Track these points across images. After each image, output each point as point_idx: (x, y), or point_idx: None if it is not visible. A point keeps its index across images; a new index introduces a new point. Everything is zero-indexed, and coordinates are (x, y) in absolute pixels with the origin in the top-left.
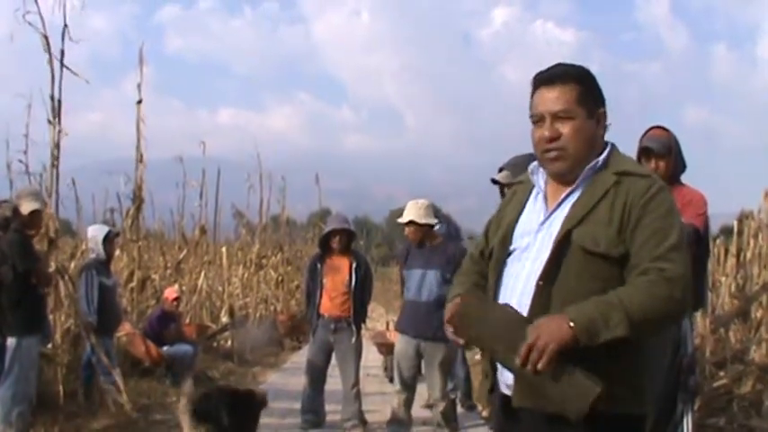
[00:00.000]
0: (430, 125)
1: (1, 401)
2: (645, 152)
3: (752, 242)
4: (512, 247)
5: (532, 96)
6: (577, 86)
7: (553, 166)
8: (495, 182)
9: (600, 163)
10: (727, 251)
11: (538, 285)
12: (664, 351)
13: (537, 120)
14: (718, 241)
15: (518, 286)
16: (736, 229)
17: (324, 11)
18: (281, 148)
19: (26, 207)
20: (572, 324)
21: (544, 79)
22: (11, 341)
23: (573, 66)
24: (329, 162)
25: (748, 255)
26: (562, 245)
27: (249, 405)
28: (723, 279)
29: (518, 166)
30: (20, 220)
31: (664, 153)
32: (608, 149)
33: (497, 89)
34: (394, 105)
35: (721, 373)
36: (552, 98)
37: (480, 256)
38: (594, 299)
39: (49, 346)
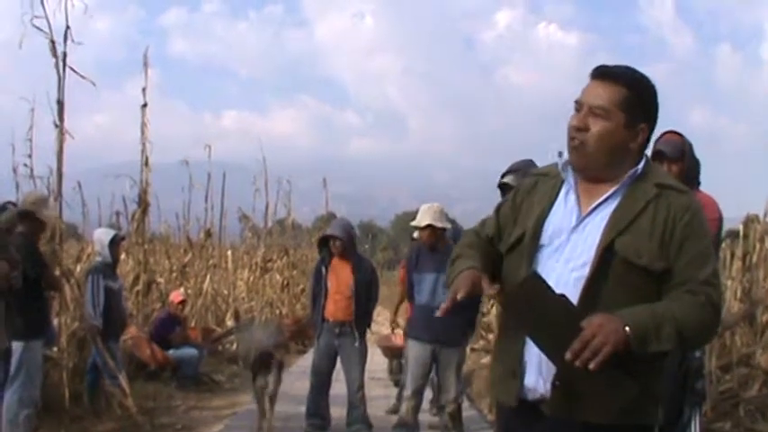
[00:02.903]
0: (433, 129)
1: (7, 405)
2: (658, 156)
3: (758, 246)
4: (539, 243)
5: (586, 85)
6: (627, 91)
7: (572, 155)
8: (502, 186)
9: (639, 171)
10: (732, 255)
11: (582, 293)
12: (672, 358)
13: (577, 107)
14: (723, 245)
15: None
16: (741, 233)
17: (327, 14)
18: (287, 151)
19: (45, 214)
20: (627, 329)
21: (600, 72)
22: (17, 345)
23: (636, 72)
24: (334, 166)
25: (754, 258)
26: (604, 254)
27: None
28: (729, 282)
29: (519, 171)
30: (32, 224)
31: (677, 157)
32: (644, 159)
33: (501, 93)
34: (397, 109)
35: (727, 377)
36: (596, 92)
37: (489, 241)
38: (648, 307)
39: (55, 349)
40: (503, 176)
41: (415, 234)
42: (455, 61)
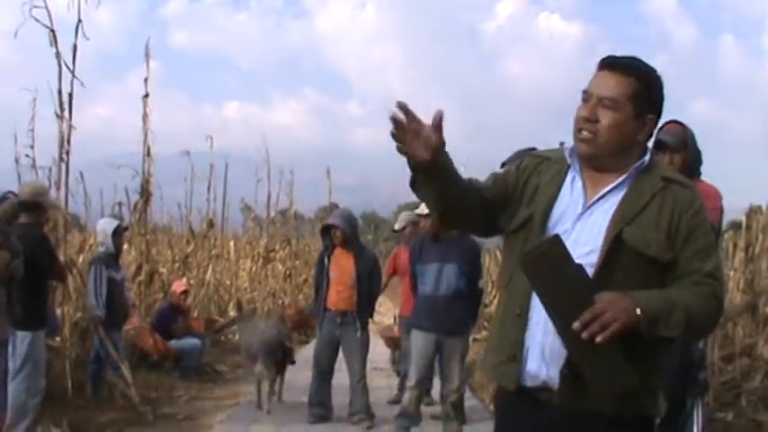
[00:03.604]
0: None
1: (15, 395)
2: (660, 146)
3: (760, 237)
4: (546, 228)
5: (594, 76)
6: (637, 83)
7: (580, 146)
8: None
9: (645, 164)
10: (735, 246)
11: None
12: (673, 349)
13: (585, 97)
14: (726, 236)
15: None
16: (744, 224)
17: (328, 4)
18: (289, 142)
19: (49, 202)
20: (639, 311)
21: (609, 63)
22: (24, 335)
23: (644, 63)
24: (336, 156)
25: (757, 249)
26: (613, 243)
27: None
28: (732, 273)
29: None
30: (35, 214)
31: (679, 147)
32: (650, 152)
33: (502, 83)
34: (400, 99)
35: (729, 368)
36: (606, 83)
37: (478, 191)
38: (661, 292)
39: (58, 339)
40: (502, 166)
41: (396, 226)
42: (457, 51)
